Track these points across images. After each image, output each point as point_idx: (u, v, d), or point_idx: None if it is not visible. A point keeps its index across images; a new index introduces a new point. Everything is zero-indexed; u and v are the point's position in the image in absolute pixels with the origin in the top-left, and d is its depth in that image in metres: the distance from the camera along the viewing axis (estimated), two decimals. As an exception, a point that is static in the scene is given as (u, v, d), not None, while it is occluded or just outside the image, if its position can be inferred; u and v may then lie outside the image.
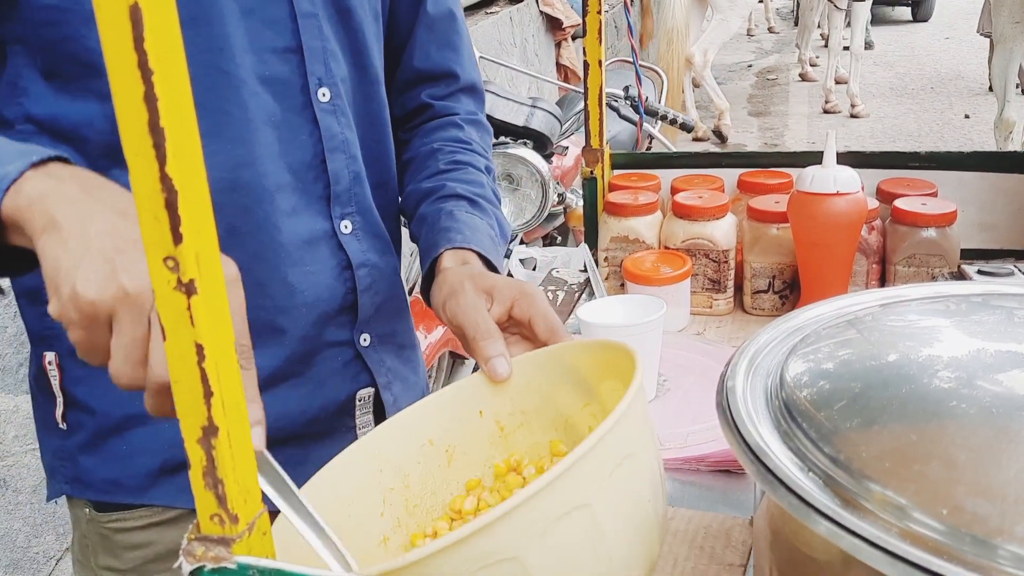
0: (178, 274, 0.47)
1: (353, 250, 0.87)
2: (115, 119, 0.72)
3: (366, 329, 0.90)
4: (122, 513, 0.84)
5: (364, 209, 0.89)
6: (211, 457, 0.50)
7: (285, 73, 0.81)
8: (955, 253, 1.17)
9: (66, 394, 0.82)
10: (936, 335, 0.65)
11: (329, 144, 0.84)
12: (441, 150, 0.98)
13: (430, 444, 0.74)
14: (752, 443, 0.55)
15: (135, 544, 0.85)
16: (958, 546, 0.45)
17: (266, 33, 0.79)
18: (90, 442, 0.83)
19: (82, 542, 0.88)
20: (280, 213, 0.82)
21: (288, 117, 0.82)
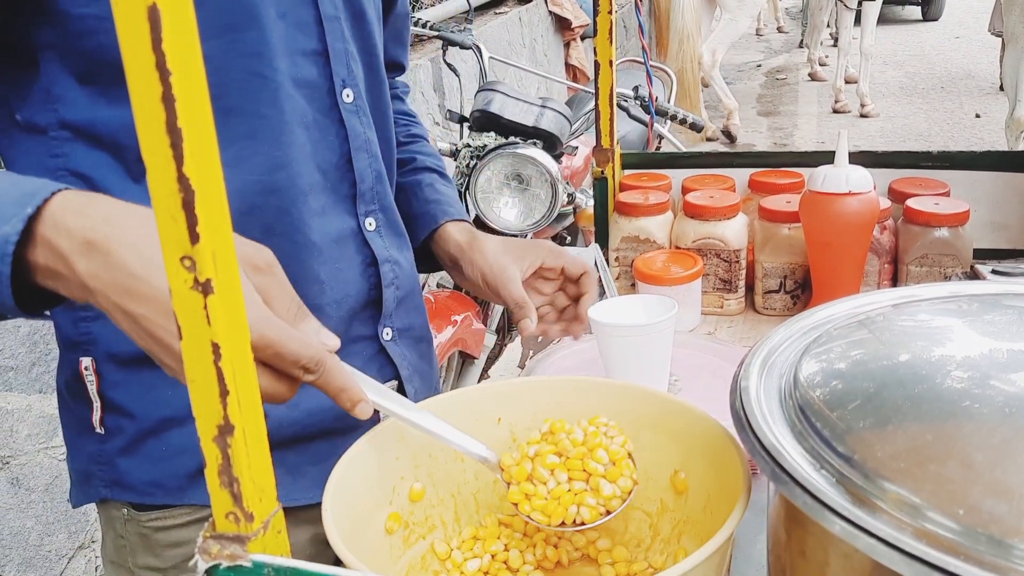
0: (195, 273, 0.47)
1: (377, 246, 0.90)
2: None
3: (388, 323, 0.93)
4: (162, 512, 0.85)
5: (386, 206, 0.92)
6: (227, 455, 0.50)
7: (314, 75, 0.83)
8: (968, 253, 1.17)
9: (103, 399, 0.83)
10: (950, 335, 0.65)
11: (354, 144, 0.87)
12: (396, 122, 1.04)
13: (497, 422, 0.77)
14: (766, 443, 0.55)
15: (176, 542, 0.86)
16: (974, 546, 0.45)
17: (298, 36, 0.81)
18: (129, 445, 0.84)
19: (117, 543, 0.88)
20: (312, 213, 0.84)
21: (318, 118, 0.84)
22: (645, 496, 0.76)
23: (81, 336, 0.83)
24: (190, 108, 0.45)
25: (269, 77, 0.79)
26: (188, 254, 0.47)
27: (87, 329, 0.82)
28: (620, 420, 0.74)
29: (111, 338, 0.82)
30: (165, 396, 0.82)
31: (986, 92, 7.19)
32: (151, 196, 0.46)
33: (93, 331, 0.82)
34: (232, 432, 0.50)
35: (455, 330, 2.32)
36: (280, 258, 0.78)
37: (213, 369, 0.49)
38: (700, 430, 0.72)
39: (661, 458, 0.75)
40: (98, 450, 0.85)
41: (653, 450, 0.75)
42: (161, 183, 0.46)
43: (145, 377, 0.82)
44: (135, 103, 0.45)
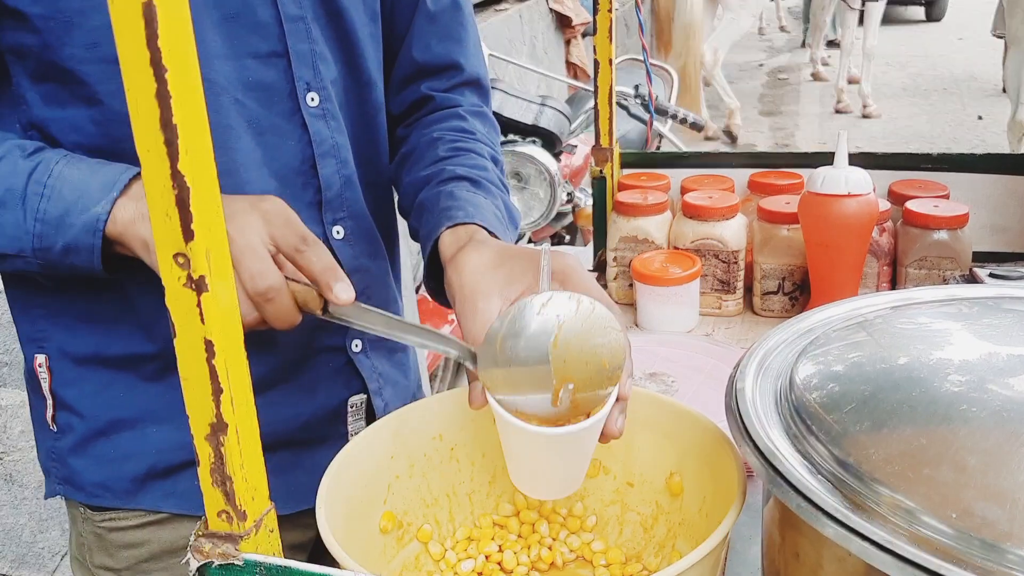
0: (188, 270, 0.47)
1: (345, 256, 0.86)
2: (101, 123, 0.74)
3: (357, 335, 0.89)
4: (116, 513, 0.85)
5: (356, 213, 0.88)
6: (220, 454, 0.50)
7: (271, 78, 0.79)
8: (967, 256, 1.16)
9: (55, 396, 0.83)
10: (947, 338, 0.65)
11: (319, 149, 0.83)
12: (442, 139, 0.91)
13: (440, 439, 0.75)
14: (762, 445, 0.55)
15: (129, 543, 0.85)
16: (967, 550, 0.45)
17: (249, 38, 0.77)
18: (79, 445, 0.84)
19: (79, 541, 0.88)
20: None
21: (276, 123, 0.80)
22: (640, 498, 0.76)
23: (37, 332, 0.83)
24: (185, 105, 0.45)
25: (211, 80, 0.75)
26: (182, 251, 0.47)
27: (42, 327, 0.82)
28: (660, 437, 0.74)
29: (65, 336, 0.82)
30: (117, 397, 0.82)
31: (989, 94, 7.18)
32: (145, 192, 0.46)
33: (48, 328, 0.82)
34: (225, 430, 0.50)
35: (451, 329, 2.32)
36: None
37: (206, 367, 0.49)
38: (696, 432, 0.72)
39: (656, 460, 0.75)
40: (52, 446, 0.85)
41: (648, 452, 0.75)
42: (155, 180, 0.46)
43: (97, 377, 0.82)
44: (130, 99, 0.45)
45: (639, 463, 0.75)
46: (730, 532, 0.60)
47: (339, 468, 0.67)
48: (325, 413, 0.89)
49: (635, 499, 0.76)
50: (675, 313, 1.23)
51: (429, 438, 0.75)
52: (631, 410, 0.69)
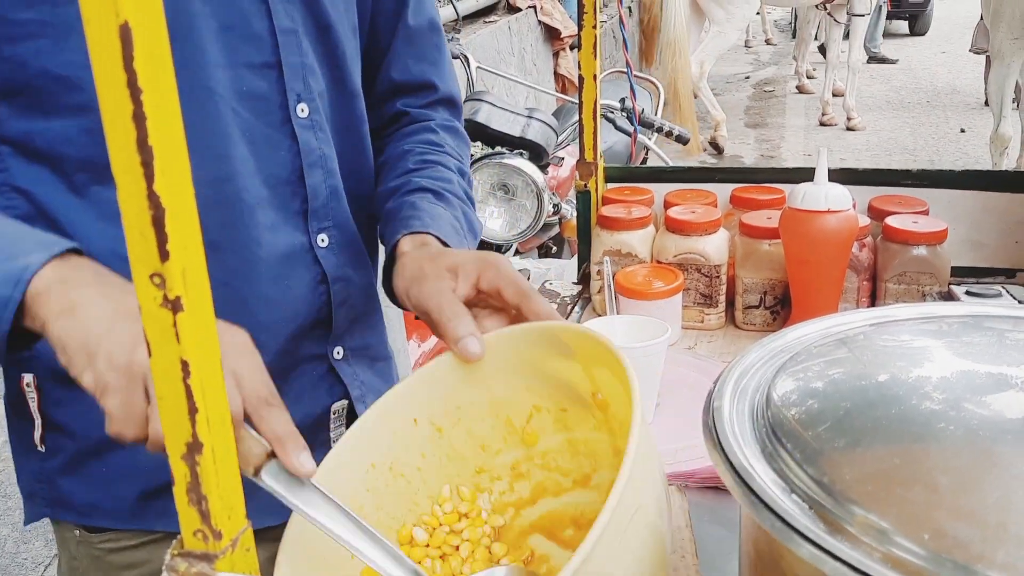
0: (164, 291, 0.47)
1: (329, 264, 0.87)
2: (94, 132, 0.73)
3: (339, 343, 0.90)
4: (114, 533, 0.84)
5: (341, 223, 0.89)
6: (195, 473, 0.50)
7: (263, 88, 0.80)
8: (946, 271, 1.17)
9: (45, 417, 0.82)
10: (925, 356, 0.65)
11: (307, 160, 0.84)
12: (411, 151, 0.96)
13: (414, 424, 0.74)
14: (736, 464, 0.55)
15: (129, 564, 0.85)
16: (939, 571, 0.45)
17: (244, 49, 0.78)
18: (69, 465, 0.83)
19: (71, 564, 0.87)
20: (260, 228, 0.81)
21: (267, 133, 0.81)
22: None
23: (25, 351, 0.81)
24: (162, 126, 0.45)
25: (210, 88, 0.76)
26: (158, 271, 0.47)
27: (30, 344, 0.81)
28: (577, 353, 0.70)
29: (54, 356, 0.80)
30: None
31: (971, 107, 7.26)
32: (121, 212, 0.46)
33: (36, 347, 0.80)
34: (200, 450, 0.50)
35: (438, 339, 2.31)
36: (226, 274, 0.77)
37: (182, 386, 0.49)
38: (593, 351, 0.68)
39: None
40: (39, 468, 0.84)
41: None
42: (131, 200, 0.46)
43: (87, 396, 0.79)
44: (106, 120, 0.45)
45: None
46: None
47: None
48: (310, 421, 0.89)
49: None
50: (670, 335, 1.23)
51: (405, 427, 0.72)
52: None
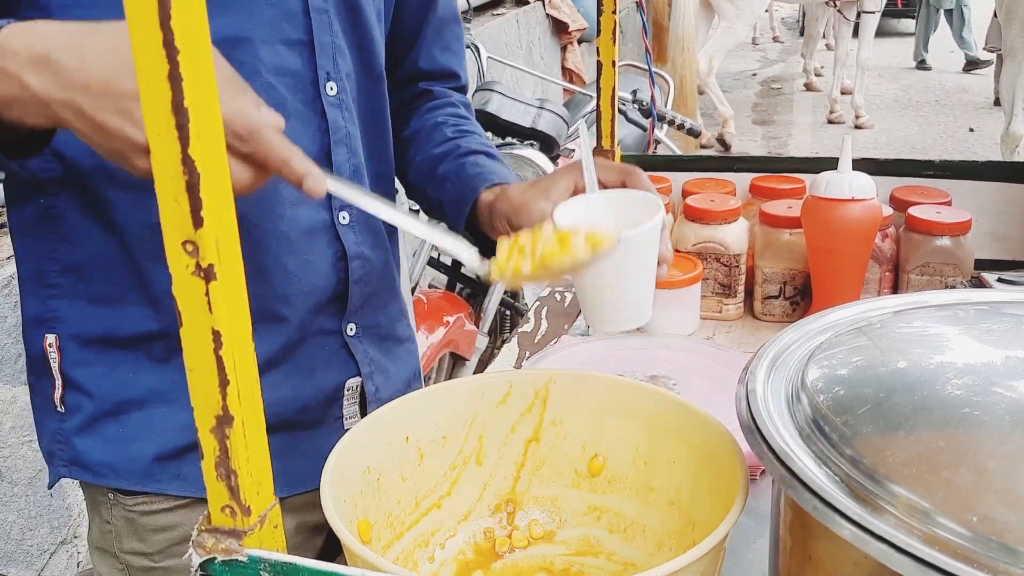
0: (197, 259, 0.46)
1: (349, 241, 0.89)
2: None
3: (353, 319, 0.91)
4: (148, 496, 0.85)
5: None
6: (225, 447, 0.49)
7: (297, 65, 0.82)
8: (969, 262, 1.16)
9: (64, 377, 0.83)
10: (959, 341, 0.64)
11: (334, 137, 0.86)
12: (445, 123, 1.01)
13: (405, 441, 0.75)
14: (775, 446, 0.54)
15: (162, 526, 0.85)
16: (985, 553, 0.44)
17: (282, 25, 0.80)
18: (87, 424, 0.84)
19: (103, 528, 0.88)
20: (284, 202, 0.83)
21: (299, 109, 0.83)
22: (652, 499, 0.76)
23: (48, 313, 0.83)
24: (198, 88, 0.44)
25: (248, 63, 0.77)
26: (191, 239, 0.46)
27: (53, 307, 0.82)
28: (634, 423, 0.74)
29: (76, 317, 0.82)
30: (126, 378, 0.82)
31: (980, 106, 7.23)
32: (154, 176, 0.45)
33: (59, 309, 0.82)
34: (231, 423, 0.49)
35: (447, 331, 2.31)
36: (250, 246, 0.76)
37: (213, 358, 0.48)
38: (703, 432, 0.71)
39: (673, 463, 0.74)
40: (58, 428, 0.85)
41: (665, 455, 0.74)
42: (165, 164, 0.45)
43: (107, 357, 0.82)
44: (141, 82, 0.44)
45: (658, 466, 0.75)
46: (729, 534, 0.59)
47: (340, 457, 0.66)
48: (324, 395, 0.90)
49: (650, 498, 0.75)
50: (676, 316, 1.22)
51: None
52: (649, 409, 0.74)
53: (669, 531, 0.72)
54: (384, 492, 0.70)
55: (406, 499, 0.73)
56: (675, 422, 0.72)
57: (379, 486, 0.70)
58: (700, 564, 0.55)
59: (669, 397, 0.74)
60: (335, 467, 0.64)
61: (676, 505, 0.72)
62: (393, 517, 0.71)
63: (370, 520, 0.68)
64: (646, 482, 0.74)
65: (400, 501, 0.72)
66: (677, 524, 0.72)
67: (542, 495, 0.78)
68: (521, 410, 0.76)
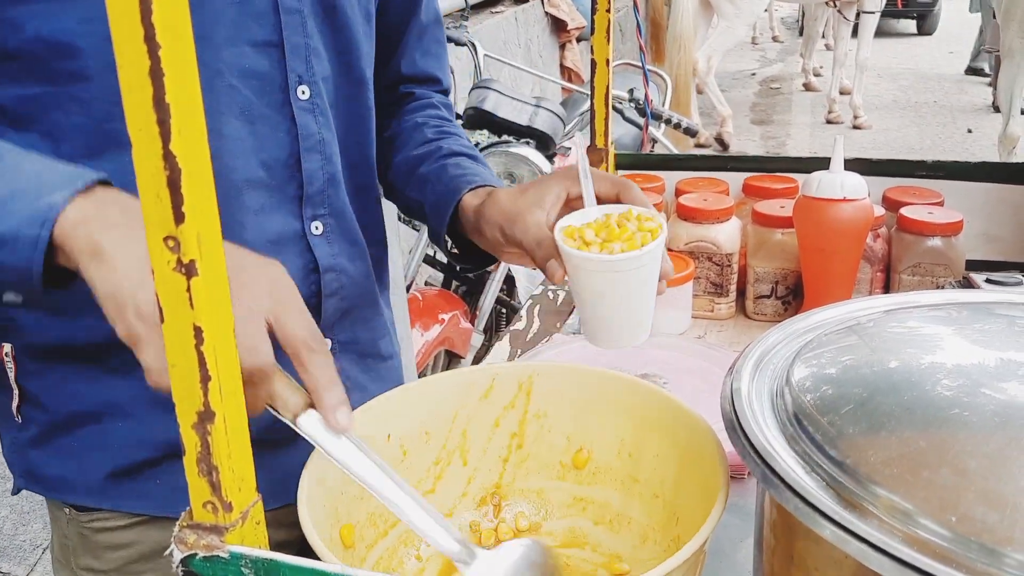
0: (178, 254, 0.46)
1: (322, 253, 0.85)
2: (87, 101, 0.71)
3: (328, 334, 0.88)
4: (101, 513, 0.82)
5: (337, 212, 0.87)
6: (206, 443, 0.49)
7: (264, 67, 0.78)
8: (960, 263, 1.16)
9: (21, 388, 0.81)
10: (943, 342, 0.64)
11: (305, 144, 0.82)
12: (427, 123, 0.99)
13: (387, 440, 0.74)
14: (758, 445, 0.54)
15: (118, 544, 0.83)
16: (965, 553, 0.44)
17: (249, 25, 0.77)
18: (41, 437, 0.82)
19: (62, 543, 0.86)
20: (246, 210, 0.79)
21: (266, 113, 0.79)
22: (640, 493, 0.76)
23: (5, 321, 0.80)
24: (179, 83, 0.44)
25: (207, 63, 0.72)
26: (172, 234, 0.46)
27: (11, 315, 0.80)
28: (619, 416, 0.74)
29: (32, 327, 0.79)
30: (78, 390, 0.80)
31: (978, 108, 7.23)
32: (136, 172, 0.45)
33: (17, 318, 0.80)
34: (212, 419, 0.49)
35: (442, 329, 2.31)
36: None
37: (195, 353, 0.48)
38: (687, 429, 0.71)
39: (659, 457, 0.74)
40: (14, 439, 0.83)
41: (652, 450, 0.74)
42: (146, 160, 0.45)
43: (62, 370, 0.80)
44: (122, 77, 0.44)
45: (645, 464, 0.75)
46: (709, 538, 0.59)
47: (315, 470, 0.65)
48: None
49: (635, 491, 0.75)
50: (668, 315, 1.22)
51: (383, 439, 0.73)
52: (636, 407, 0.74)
53: (653, 524, 0.73)
54: (366, 493, 0.70)
55: None
56: (659, 416, 0.73)
57: (361, 487, 0.69)
58: (681, 570, 0.55)
59: (653, 390, 0.74)
60: (312, 472, 0.63)
61: (660, 498, 0.73)
62: (376, 516, 0.71)
63: (353, 522, 0.68)
64: (631, 474, 0.74)
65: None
66: (661, 517, 0.72)
67: (527, 487, 0.78)
68: (505, 403, 0.76)
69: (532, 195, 0.81)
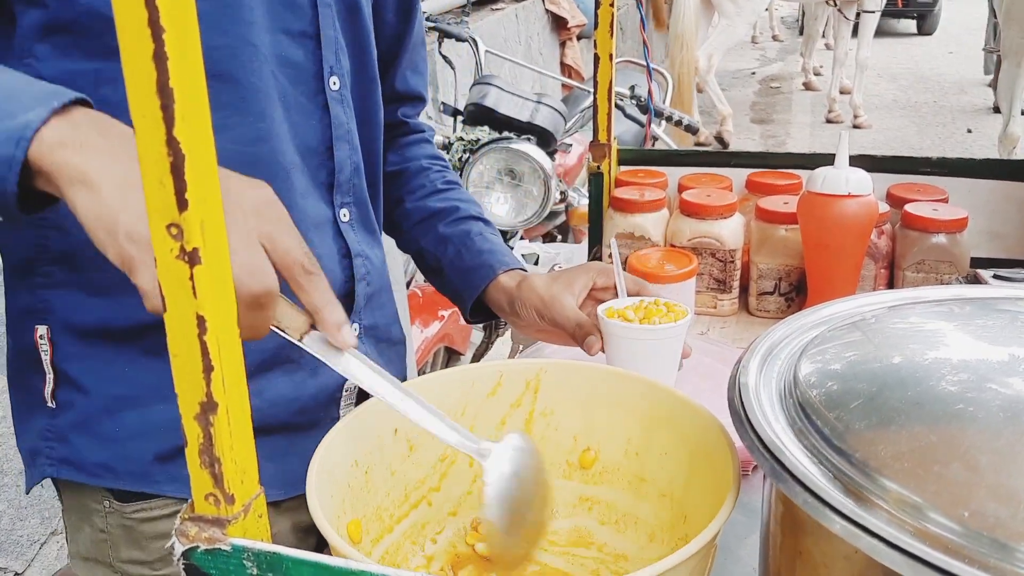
0: (181, 242, 0.45)
1: (351, 239, 0.88)
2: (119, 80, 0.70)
3: (356, 319, 0.90)
4: (145, 502, 0.81)
5: (360, 200, 0.91)
6: (208, 434, 0.49)
7: (300, 57, 0.81)
8: (965, 260, 1.16)
9: (57, 370, 0.80)
10: (953, 337, 0.64)
11: (336, 132, 0.85)
12: (430, 169, 1.07)
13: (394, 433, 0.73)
14: (766, 439, 0.53)
15: (162, 533, 0.82)
16: (976, 548, 0.44)
17: (286, 15, 0.80)
18: (81, 422, 0.80)
19: (95, 538, 0.84)
20: (295, 193, 0.82)
21: (301, 101, 0.82)
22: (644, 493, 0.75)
23: (39, 303, 0.79)
24: (183, 68, 0.43)
25: (257, 48, 0.77)
26: (175, 221, 0.45)
27: (45, 297, 0.79)
28: (627, 414, 0.74)
29: (70, 307, 0.79)
30: (123, 373, 0.79)
31: (978, 108, 7.23)
32: (139, 158, 0.44)
33: (51, 299, 0.79)
34: (215, 410, 0.48)
35: (442, 325, 2.30)
36: None
37: (197, 343, 0.47)
38: (695, 426, 0.70)
39: (668, 455, 0.73)
40: (48, 425, 0.81)
41: (659, 448, 0.74)
42: (149, 146, 0.44)
43: (103, 351, 0.79)
44: (125, 61, 0.43)
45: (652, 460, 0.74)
46: (720, 531, 0.58)
47: (326, 452, 0.65)
48: (324, 395, 0.88)
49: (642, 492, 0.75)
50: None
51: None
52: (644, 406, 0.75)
53: (661, 523, 0.72)
54: (373, 486, 0.69)
55: (395, 492, 0.72)
56: (667, 413, 0.72)
57: (367, 480, 0.69)
58: (691, 562, 0.54)
59: (661, 388, 0.73)
60: (321, 464, 0.63)
61: (668, 497, 0.72)
62: (383, 510, 0.70)
63: (360, 517, 0.67)
64: (638, 473, 0.74)
65: (389, 494, 0.71)
66: (669, 516, 0.71)
67: None
68: (512, 401, 0.76)
69: (564, 282, 0.94)
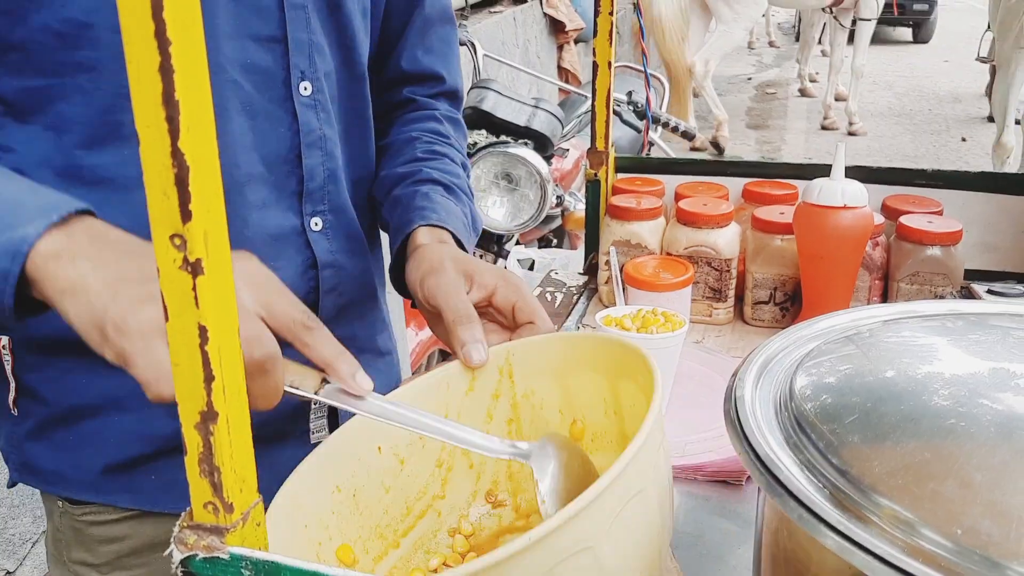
0: (184, 252, 0.45)
1: (321, 249, 0.85)
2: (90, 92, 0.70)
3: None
4: (96, 507, 0.82)
5: (337, 208, 0.87)
6: (208, 443, 0.49)
7: (267, 63, 0.79)
8: (959, 272, 1.16)
9: (18, 380, 0.81)
10: (947, 352, 0.64)
11: (306, 139, 0.82)
12: (419, 139, 0.97)
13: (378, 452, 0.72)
14: (761, 453, 0.54)
15: (111, 537, 0.83)
16: (968, 566, 0.44)
17: (252, 20, 0.77)
18: (38, 430, 0.81)
19: (55, 536, 0.86)
20: (249, 206, 0.79)
21: (268, 108, 0.79)
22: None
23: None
24: (189, 80, 0.44)
25: (208, 59, 0.75)
26: (179, 232, 0.45)
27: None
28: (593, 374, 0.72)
29: (31, 320, 0.78)
30: (78, 384, 0.79)
31: (973, 116, 7.27)
32: (144, 169, 0.45)
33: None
34: (215, 419, 0.48)
35: (432, 336, 2.30)
36: None
37: (199, 353, 0.47)
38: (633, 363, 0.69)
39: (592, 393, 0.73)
40: (11, 432, 0.83)
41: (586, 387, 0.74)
42: (154, 157, 0.44)
43: (62, 362, 0.79)
44: (131, 73, 0.43)
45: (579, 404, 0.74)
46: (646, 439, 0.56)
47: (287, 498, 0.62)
48: (290, 409, 0.86)
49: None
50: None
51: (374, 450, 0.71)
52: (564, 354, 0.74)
53: None
54: (365, 507, 0.68)
55: (395, 508, 0.71)
56: (622, 363, 0.70)
57: (356, 503, 0.67)
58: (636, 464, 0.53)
59: (613, 340, 0.72)
60: (292, 498, 0.61)
61: None
62: (382, 528, 0.69)
63: (350, 540, 0.66)
64: (621, 431, 0.73)
65: (388, 511, 0.70)
66: None
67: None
68: (491, 392, 0.74)
69: (470, 265, 0.78)
